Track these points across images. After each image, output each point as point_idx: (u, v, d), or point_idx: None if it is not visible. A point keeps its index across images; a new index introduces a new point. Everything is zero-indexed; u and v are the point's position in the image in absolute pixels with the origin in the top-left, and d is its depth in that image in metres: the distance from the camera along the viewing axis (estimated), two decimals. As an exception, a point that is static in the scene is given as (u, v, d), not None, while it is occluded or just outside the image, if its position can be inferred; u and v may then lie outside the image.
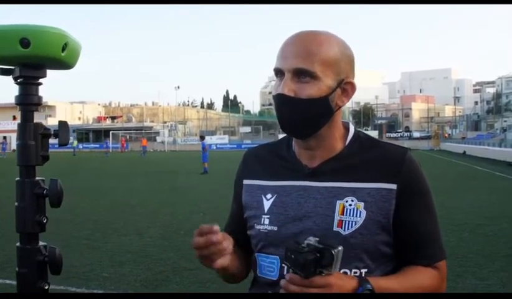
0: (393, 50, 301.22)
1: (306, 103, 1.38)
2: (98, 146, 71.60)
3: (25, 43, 1.00)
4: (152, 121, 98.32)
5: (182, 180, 20.92)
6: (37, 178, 1.14)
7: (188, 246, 7.73)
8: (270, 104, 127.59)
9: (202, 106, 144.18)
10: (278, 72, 1.43)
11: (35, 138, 1.11)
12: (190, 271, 6.29)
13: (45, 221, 1.12)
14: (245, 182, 1.63)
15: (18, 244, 1.14)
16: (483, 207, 12.17)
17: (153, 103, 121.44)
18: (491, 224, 9.75)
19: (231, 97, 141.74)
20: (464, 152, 46.69)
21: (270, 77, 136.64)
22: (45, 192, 1.11)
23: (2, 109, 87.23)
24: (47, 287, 1.12)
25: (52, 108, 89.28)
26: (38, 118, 1.08)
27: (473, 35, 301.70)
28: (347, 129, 1.54)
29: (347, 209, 1.41)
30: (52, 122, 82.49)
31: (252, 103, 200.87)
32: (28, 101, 1.09)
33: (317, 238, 1.26)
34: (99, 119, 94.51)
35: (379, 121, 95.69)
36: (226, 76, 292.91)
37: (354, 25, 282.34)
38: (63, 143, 1.12)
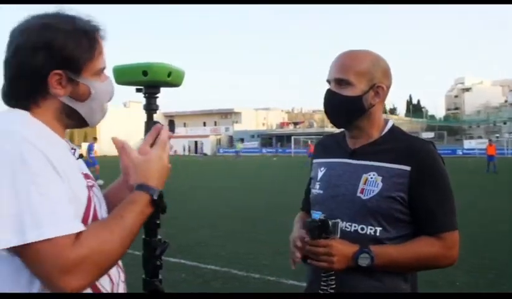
0: None
1: (344, 99, 1.94)
2: (281, 150, 73.98)
3: (145, 73, 1.64)
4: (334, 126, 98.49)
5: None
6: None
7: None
8: (456, 108, 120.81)
9: (385, 112, 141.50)
10: (328, 82, 2.01)
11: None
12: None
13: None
14: (314, 161, 2.24)
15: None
16: None
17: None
18: None
19: (414, 101, 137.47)
20: None
21: (456, 80, 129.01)
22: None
23: (195, 116, 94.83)
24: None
25: (237, 114, 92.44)
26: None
27: None
28: (386, 123, 2.05)
29: (369, 181, 1.91)
30: (238, 128, 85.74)
31: (436, 107, 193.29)
32: (150, 108, 1.72)
33: (325, 215, 1.89)
34: (282, 125, 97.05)
35: None
36: (409, 81, 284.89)
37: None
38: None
